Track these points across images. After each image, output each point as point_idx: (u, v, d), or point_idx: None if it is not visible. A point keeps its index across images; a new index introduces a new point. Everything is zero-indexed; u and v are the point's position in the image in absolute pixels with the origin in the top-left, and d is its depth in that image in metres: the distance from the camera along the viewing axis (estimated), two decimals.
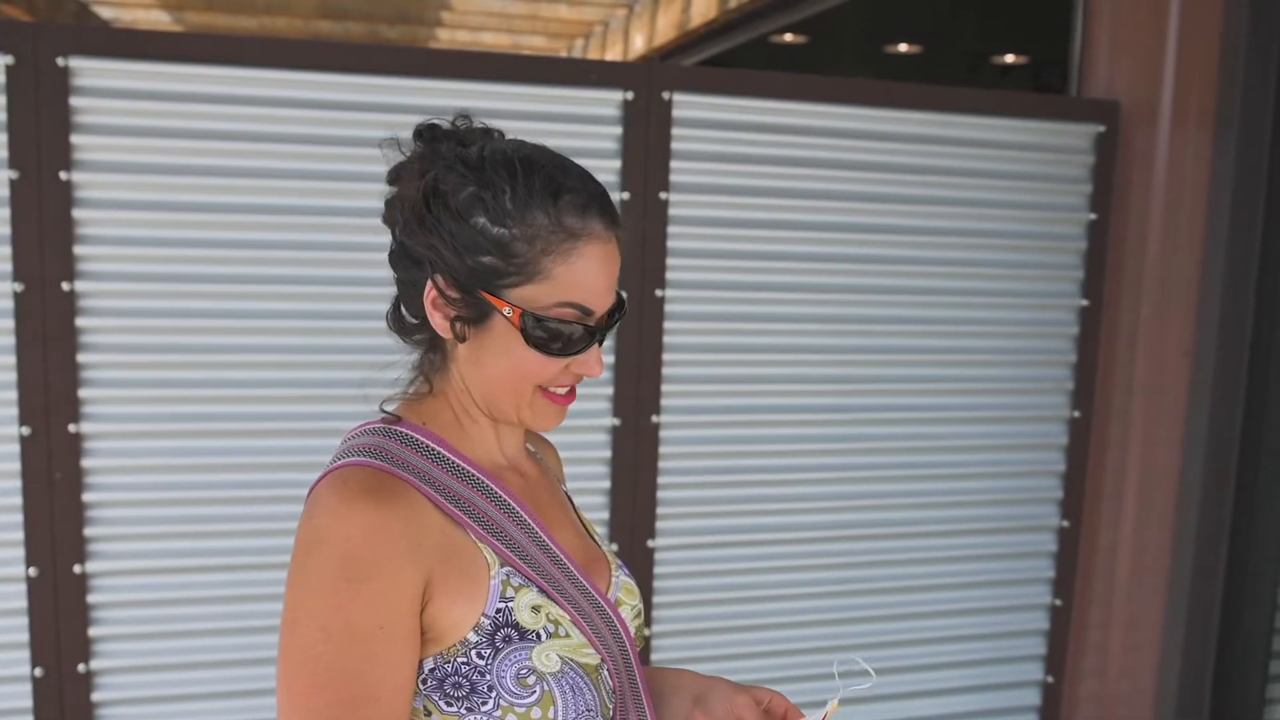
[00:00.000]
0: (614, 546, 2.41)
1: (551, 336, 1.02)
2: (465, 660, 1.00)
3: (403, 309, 1.10)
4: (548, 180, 1.02)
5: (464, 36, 7.02)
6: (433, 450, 1.05)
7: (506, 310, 1.01)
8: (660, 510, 2.45)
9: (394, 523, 0.97)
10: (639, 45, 6.04)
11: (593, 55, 6.82)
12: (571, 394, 1.09)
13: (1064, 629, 2.81)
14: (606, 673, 1.07)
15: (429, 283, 1.03)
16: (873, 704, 2.68)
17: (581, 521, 1.25)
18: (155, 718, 2.21)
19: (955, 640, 2.74)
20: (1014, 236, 2.63)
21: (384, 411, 1.10)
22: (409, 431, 1.06)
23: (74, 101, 2.05)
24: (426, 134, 1.07)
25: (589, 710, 1.04)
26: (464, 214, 1.00)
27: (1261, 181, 2.50)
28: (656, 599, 2.48)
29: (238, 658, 2.23)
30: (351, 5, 6.37)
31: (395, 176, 1.08)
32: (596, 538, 1.25)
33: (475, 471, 1.07)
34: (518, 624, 1.01)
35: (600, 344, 1.06)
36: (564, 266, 1.01)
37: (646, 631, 2.45)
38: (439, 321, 1.04)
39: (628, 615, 1.16)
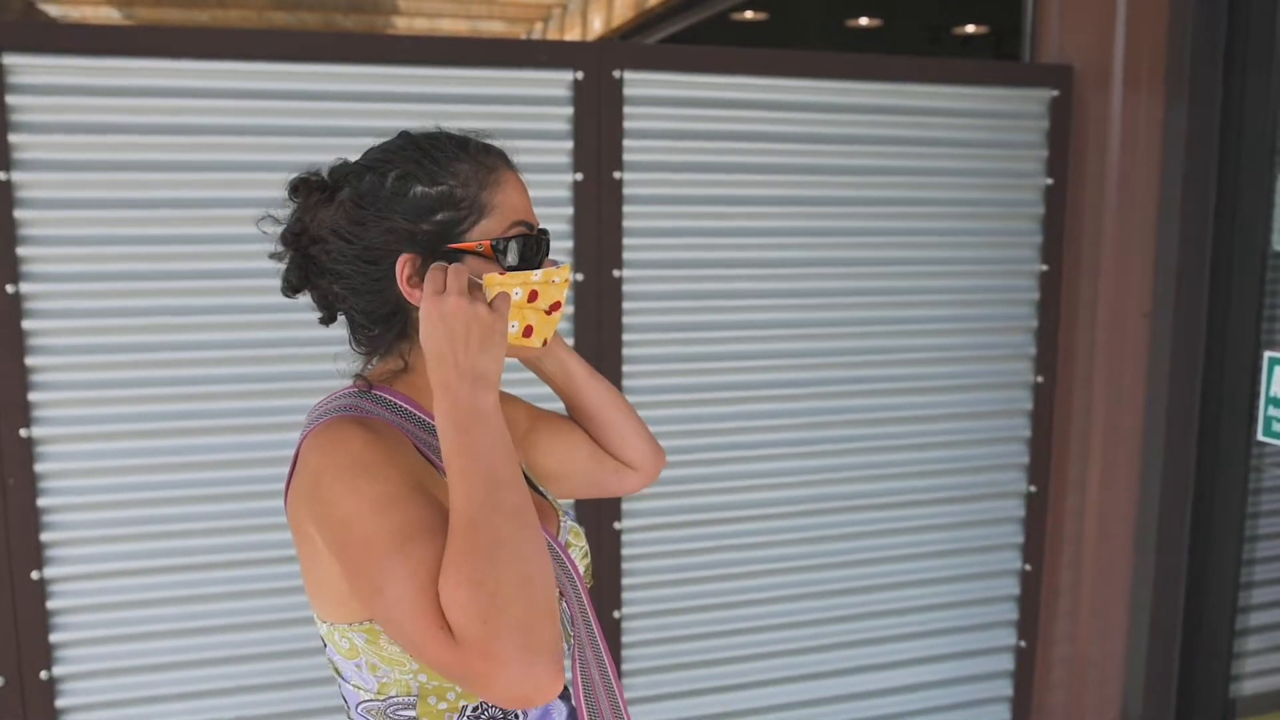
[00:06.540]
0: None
1: (517, 256, 1.14)
2: None
3: (362, 323, 1.16)
4: (449, 138, 1.17)
5: (421, 24, 6.95)
6: (403, 409, 1.15)
7: (477, 247, 1.12)
8: None
9: (386, 440, 1.06)
10: (597, 27, 6.00)
11: (551, 38, 6.77)
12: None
13: (1035, 594, 2.83)
14: (566, 604, 1.18)
15: (398, 265, 1.10)
16: (848, 676, 2.69)
17: (527, 476, 1.32)
18: None
19: (927, 609, 2.75)
20: (971, 204, 2.62)
21: (355, 377, 1.19)
22: (380, 393, 1.16)
23: (11, 100, 2.01)
24: (302, 186, 1.15)
25: None
26: (401, 193, 1.12)
27: (1213, 141, 2.51)
28: (625, 581, 2.47)
29: (201, 658, 2.21)
30: None
31: (291, 236, 1.16)
32: (542, 490, 1.34)
33: None
34: None
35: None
36: (501, 195, 1.15)
37: (619, 612, 2.44)
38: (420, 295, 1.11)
39: (577, 556, 1.26)
